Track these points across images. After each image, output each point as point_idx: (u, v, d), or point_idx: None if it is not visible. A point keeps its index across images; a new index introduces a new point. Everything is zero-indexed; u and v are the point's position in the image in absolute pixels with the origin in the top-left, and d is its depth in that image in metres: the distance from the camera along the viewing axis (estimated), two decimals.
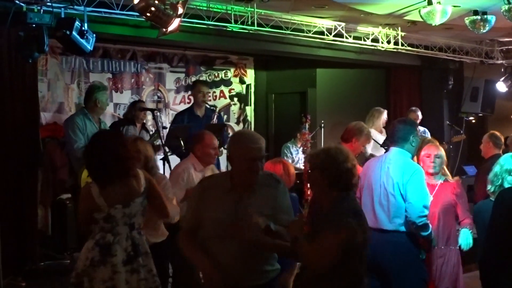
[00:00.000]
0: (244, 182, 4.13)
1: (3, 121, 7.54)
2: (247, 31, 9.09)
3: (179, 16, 6.44)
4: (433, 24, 8.50)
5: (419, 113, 10.80)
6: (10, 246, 7.25)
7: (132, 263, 4.62)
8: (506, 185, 5.17)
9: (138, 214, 4.72)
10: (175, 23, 6.44)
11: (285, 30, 9.56)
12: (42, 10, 7.04)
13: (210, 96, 12.08)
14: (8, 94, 7.56)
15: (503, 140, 8.25)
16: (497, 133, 8.14)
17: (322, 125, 10.25)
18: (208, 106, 8.78)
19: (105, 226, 4.63)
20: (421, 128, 10.14)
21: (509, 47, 12.49)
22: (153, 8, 6.12)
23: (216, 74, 12.53)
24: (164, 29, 6.49)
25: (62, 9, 7.17)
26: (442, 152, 6.03)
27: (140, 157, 5.34)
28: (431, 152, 5.97)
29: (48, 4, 7.01)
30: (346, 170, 3.96)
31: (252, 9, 8.91)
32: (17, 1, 6.91)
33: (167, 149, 7.72)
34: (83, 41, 7.02)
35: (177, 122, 8.44)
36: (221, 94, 12.63)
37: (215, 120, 8.47)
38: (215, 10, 8.70)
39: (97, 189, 4.62)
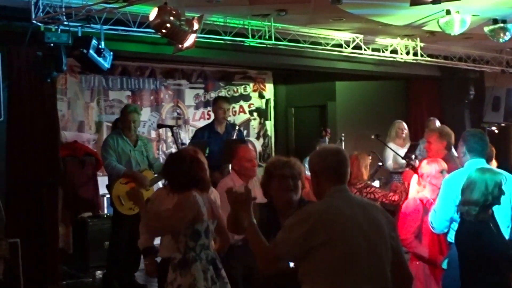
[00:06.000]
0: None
1: (23, 140, 7.57)
2: (264, 45, 9.09)
3: (195, 31, 6.43)
4: (452, 34, 8.43)
5: (438, 122, 10.72)
6: (31, 265, 7.25)
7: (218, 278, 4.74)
8: None
9: (211, 233, 4.77)
10: (190, 39, 6.44)
11: (303, 43, 9.55)
12: (59, 30, 7.10)
13: (229, 111, 12.11)
14: (27, 114, 7.59)
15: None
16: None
17: (343, 138, 10.19)
18: (229, 123, 8.76)
19: (205, 243, 4.68)
20: None
21: None
22: (168, 25, 6.12)
23: (235, 89, 12.53)
24: (180, 45, 6.49)
25: (79, 28, 7.23)
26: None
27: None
28: (443, 166, 5.86)
29: (65, 23, 7.06)
30: None
31: (269, 23, 8.91)
32: (34, 21, 6.97)
33: None
34: (100, 59, 7.07)
35: (198, 139, 8.44)
36: (241, 109, 12.62)
37: (234, 136, 8.44)
38: (232, 25, 8.71)
39: (200, 197, 4.66)
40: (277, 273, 3.67)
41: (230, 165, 7.82)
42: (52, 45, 7.00)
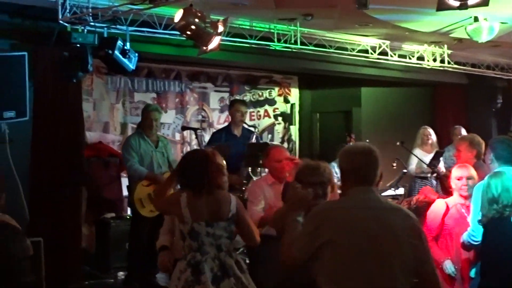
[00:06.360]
0: None
1: (47, 140, 7.62)
2: (290, 49, 9.06)
3: (219, 34, 6.43)
4: (480, 42, 8.36)
5: (463, 130, 10.59)
6: (53, 265, 7.26)
7: (218, 284, 4.58)
8: None
9: (223, 237, 4.69)
10: (215, 42, 6.44)
11: (328, 48, 9.51)
12: (85, 30, 7.13)
13: (254, 115, 12.11)
14: (52, 114, 7.64)
15: None
16: None
17: None
18: (246, 126, 8.71)
19: (193, 245, 4.65)
20: None
21: None
22: (193, 26, 6.13)
23: (260, 93, 12.51)
24: (204, 47, 6.49)
25: (105, 28, 7.27)
26: (474, 172, 5.86)
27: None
28: (463, 174, 5.83)
29: (92, 24, 7.09)
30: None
31: (295, 28, 8.88)
32: (61, 21, 7.01)
33: None
34: (125, 60, 7.09)
35: (215, 141, 8.38)
36: (265, 114, 12.59)
37: (253, 141, 8.39)
38: (258, 29, 8.70)
39: (186, 199, 4.66)
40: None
41: (249, 168, 7.81)
42: (78, 45, 7.01)
